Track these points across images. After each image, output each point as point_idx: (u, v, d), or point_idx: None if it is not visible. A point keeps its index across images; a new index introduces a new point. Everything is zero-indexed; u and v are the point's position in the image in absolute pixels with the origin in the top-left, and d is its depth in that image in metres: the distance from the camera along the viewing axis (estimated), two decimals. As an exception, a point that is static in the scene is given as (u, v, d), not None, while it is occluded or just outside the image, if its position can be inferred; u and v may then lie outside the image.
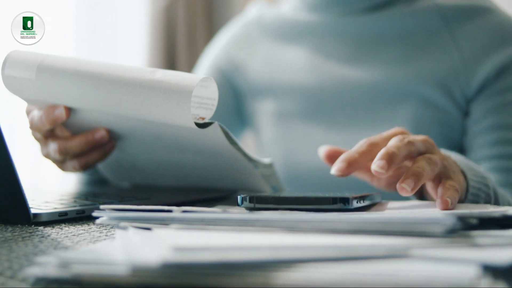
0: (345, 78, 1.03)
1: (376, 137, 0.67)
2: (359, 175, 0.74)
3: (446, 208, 0.57)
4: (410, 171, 0.59)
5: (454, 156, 0.70)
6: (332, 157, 0.74)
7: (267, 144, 1.10)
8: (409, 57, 1.00)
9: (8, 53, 0.70)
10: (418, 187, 0.58)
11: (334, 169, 0.63)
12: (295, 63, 1.08)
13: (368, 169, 0.71)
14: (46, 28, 0.73)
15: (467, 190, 0.67)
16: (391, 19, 1.02)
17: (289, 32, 1.10)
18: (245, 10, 1.26)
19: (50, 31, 2.13)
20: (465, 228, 0.46)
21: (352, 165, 0.63)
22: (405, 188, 0.58)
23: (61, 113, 0.71)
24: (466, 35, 0.99)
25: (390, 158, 0.59)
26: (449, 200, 0.57)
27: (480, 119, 0.96)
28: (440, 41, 1.00)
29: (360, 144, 0.65)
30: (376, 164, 0.59)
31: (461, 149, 1.00)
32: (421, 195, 0.71)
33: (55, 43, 2.19)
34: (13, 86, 0.71)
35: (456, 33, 0.99)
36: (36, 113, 0.73)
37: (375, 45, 1.02)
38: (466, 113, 0.98)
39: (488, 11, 0.99)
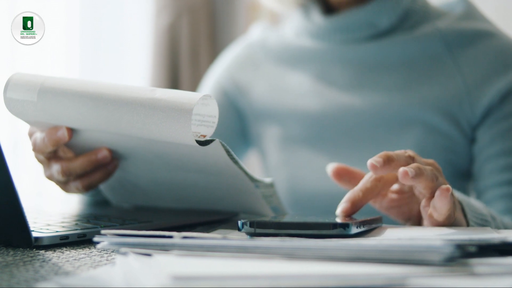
0: (348, 105, 1.03)
1: None
2: None
3: (405, 176, 0.58)
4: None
5: (456, 194, 0.70)
6: (340, 175, 0.74)
7: (272, 167, 1.11)
8: (412, 84, 1.00)
9: (9, 76, 0.71)
10: (389, 167, 0.61)
11: (339, 210, 0.64)
12: (299, 89, 1.08)
13: None
14: (46, 28, 0.73)
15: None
16: (393, 46, 1.02)
17: (292, 57, 1.11)
18: (248, 29, 1.26)
19: (54, 54, 2.14)
20: (464, 255, 0.46)
21: (356, 204, 0.65)
22: (373, 163, 0.61)
23: (63, 134, 0.72)
24: (469, 60, 0.98)
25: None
26: (409, 170, 0.59)
27: (487, 145, 0.96)
28: (442, 66, 1.00)
29: (365, 180, 0.66)
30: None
31: (466, 175, 1.00)
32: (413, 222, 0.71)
33: (59, 67, 2.21)
34: (15, 108, 0.72)
35: (459, 58, 0.99)
36: (38, 135, 0.74)
37: (378, 72, 1.02)
38: (471, 139, 0.98)
39: (490, 36, 0.99)
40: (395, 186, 0.71)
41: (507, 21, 1.53)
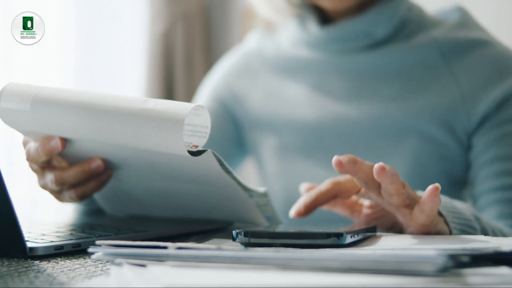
0: (345, 115, 1.03)
1: (340, 176, 0.72)
2: (338, 211, 0.75)
3: (381, 171, 0.59)
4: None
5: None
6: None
7: (269, 177, 1.11)
8: (408, 93, 1.00)
9: (3, 86, 0.71)
10: (353, 168, 0.63)
11: (292, 212, 0.66)
12: (295, 98, 1.08)
13: (346, 206, 0.74)
14: (46, 28, 0.73)
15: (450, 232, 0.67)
16: (389, 56, 1.02)
17: (288, 67, 1.11)
18: (243, 36, 1.26)
19: (49, 60, 2.15)
20: (457, 265, 0.47)
21: (308, 207, 0.68)
22: (340, 159, 0.63)
23: (56, 144, 0.72)
24: (464, 69, 0.99)
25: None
26: (386, 166, 0.60)
27: (482, 152, 0.96)
28: (438, 76, 1.00)
29: (321, 185, 0.68)
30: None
31: (461, 184, 1.01)
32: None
33: (54, 73, 2.21)
34: (8, 118, 0.72)
35: (454, 67, 0.99)
36: (32, 144, 0.74)
37: (374, 82, 1.03)
38: (467, 147, 0.98)
39: (485, 44, 1.00)
40: (367, 203, 0.74)
41: (503, 29, 1.54)
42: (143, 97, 0.67)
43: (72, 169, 0.75)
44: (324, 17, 1.08)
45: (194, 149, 0.65)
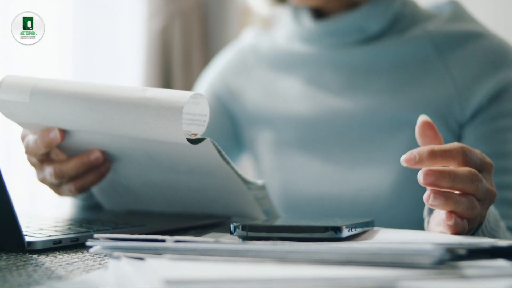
0: (340, 109, 1.03)
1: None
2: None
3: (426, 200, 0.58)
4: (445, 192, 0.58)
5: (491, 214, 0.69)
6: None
7: (266, 172, 1.11)
8: (403, 86, 1.01)
9: (2, 78, 0.72)
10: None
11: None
12: (290, 93, 1.09)
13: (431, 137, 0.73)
14: (46, 28, 0.73)
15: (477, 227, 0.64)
16: (383, 50, 1.03)
17: (283, 62, 1.11)
18: (241, 33, 1.26)
19: (47, 57, 2.14)
20: (453, 258, 0.47)
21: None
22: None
23: (55, 136, 0.72)
24: (458, 62, 0.99)
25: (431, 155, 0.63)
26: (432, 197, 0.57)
27: (471, 146, 0.96)
28: (432, 69, 1.00)
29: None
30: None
31: None
32: None
33: (52, 70, 2.20)
34: (7, 110, 0.72)
35: (448, 60, 1.00)
36: (31, 137, 0.74)
37: (368, 75, 1.03)
38: (458, 138, 0.99)
39: (479, 37, 1.00)
40: None
41: (500, 25, 1.54)
42: (142, 87, 0.67)
43: (71, 161, 0.75)
44: (319, 12, 1.09)
45: (193, 137, 0.65)
